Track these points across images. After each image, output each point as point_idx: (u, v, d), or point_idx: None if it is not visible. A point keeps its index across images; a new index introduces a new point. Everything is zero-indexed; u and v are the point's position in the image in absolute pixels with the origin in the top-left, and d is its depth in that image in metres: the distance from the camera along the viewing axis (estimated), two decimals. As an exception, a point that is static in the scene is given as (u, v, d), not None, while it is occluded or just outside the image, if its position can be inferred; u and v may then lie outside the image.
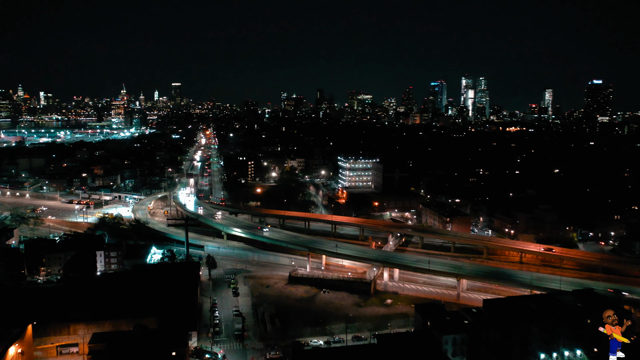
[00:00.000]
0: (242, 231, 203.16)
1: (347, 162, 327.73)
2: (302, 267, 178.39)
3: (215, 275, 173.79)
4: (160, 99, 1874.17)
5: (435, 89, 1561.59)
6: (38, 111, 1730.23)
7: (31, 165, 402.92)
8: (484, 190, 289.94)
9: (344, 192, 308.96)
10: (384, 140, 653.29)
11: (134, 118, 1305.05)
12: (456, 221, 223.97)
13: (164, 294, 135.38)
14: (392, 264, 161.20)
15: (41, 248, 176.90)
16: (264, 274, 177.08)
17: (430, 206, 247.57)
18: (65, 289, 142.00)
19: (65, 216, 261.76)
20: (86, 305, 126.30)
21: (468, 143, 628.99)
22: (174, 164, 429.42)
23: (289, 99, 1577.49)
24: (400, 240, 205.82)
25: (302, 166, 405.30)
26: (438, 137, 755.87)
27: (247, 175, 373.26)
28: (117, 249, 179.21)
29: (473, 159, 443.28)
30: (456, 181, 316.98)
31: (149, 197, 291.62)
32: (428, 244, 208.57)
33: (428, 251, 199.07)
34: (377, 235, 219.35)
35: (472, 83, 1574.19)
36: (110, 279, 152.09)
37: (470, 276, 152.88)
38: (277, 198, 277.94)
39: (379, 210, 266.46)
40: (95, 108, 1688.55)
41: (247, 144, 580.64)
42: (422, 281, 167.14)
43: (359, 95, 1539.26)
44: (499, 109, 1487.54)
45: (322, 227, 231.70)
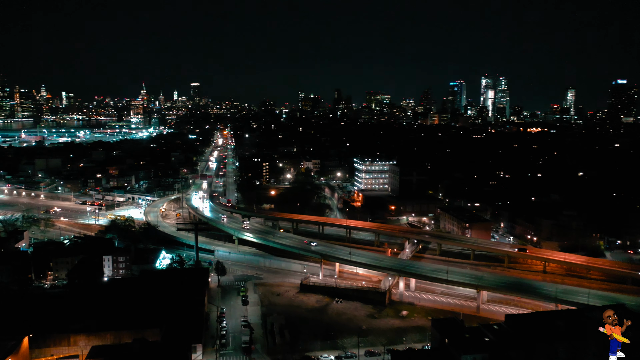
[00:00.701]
0: (254, 236, 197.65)
1: (364, 164, 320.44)
2: (315, 275, 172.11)
3: (225, 282, 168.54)
4: (179, 99, 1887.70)
5: (455, 89, 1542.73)
6: (60, 111, 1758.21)
7: (47, 166, 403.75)
8: (505, 194, 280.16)
9: (359, 195, 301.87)
10: (401, 141, 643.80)
11: (152, 118, 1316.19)
12: (476, 227, 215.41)
13: (169, 303, 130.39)
14: (408, 273, 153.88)
15: (48, 252, 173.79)
16: (275, 281, 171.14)
17: (449, 211, 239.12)
18: (69, 295, 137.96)
19: (78, 218, 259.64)
20: (88, 314, 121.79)
21: (488, 144, 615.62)
22: (189, 164, 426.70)
23: (307, 99, 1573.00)
24: (417, 247, 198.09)
25: (318, 167, 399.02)
26: (457, 137, 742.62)
27: (261, 177, 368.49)
28: (125, 254, 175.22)
29: (493, 161, 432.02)
30: (476, 184, 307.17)
31: (161, 199, 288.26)
32: (446, 250, 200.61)
33: (446, 258, 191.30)
34: (393, 240, 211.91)
35: (492, 83, 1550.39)
36: (116, 285, 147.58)
37: (491, 288, 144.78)
38: (291, 201, 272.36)
39: (395, 214, 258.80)
40: (115, 108, 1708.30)
41: (263, 144, 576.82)
42: (439, 291, 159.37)
43: (377, 95, 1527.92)
44: (519, 109, 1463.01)
45: (336, 231, 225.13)
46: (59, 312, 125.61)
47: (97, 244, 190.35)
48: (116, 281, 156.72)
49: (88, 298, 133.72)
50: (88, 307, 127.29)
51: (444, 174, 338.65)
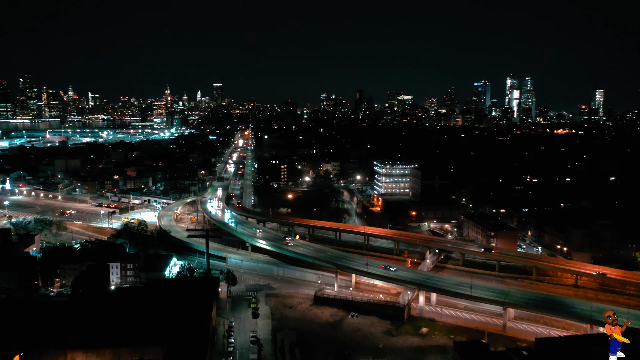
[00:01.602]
0: (267, 243, 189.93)
1: (384, 168, 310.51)
2: (330, 285, 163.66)
3: (236, 292, 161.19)
4: (202, 99, 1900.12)
5: (479, 89, 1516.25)
6: (86, 111, 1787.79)
7: (67, 166, 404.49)
8: (532, 200, 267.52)
9: (379, 199, 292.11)
10: (423, 142, 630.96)
11: (175, 118, 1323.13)
12: (501, 236, 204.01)
13: (175, 316, 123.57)
14: (428, 287, 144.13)
15: (56, 258, 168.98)
16: (288, 291, 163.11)
17: (473, 218, 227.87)
18: (71, 305, 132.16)
19: (92, 220, 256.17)
20: (89, 327, 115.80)
21: (513, 146, 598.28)
22: (207, 166, 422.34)
23: (328, 100, 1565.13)
24: (439, 257, 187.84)
25: (337, 170, 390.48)
26: (481, 139, 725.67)
27: (279, 179, 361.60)
28: (134, 261, 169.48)
29: (519, 164, 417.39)
30: (501, 189, 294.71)
31: (177, 202, 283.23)
32: (470, 260, 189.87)
33: (469, 269, 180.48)
34: (414, 249, 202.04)
35: (518, 83, 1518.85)
36: (121, 295, 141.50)
37: (519, 305, 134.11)
38: (308, 205, 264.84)
39: (416, 220, 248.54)
40: (139, 108, 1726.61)
41: (282, 145, 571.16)
42: (462, 306, 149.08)
43: (399, 95, 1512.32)
44: (545, 110, 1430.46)
45: (354, 238, 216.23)
46: (59, 323, 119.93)
47: (107, 249, 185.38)
48: (122, 290, 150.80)
49: (91, 309, 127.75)
50: (90, 318, 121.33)
51: (468, 177, 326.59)
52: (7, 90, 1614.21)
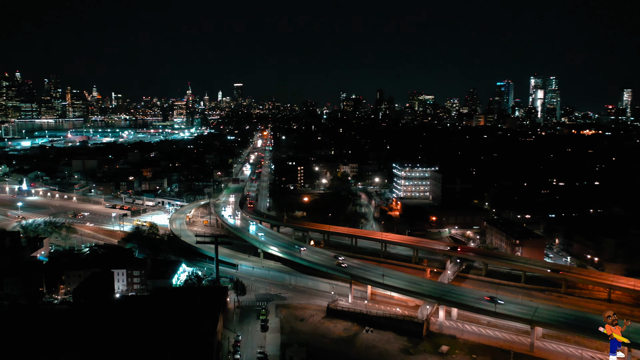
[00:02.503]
0: (280, 250, 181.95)
1: (403, 170, 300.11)
2: (344, 296, 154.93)
3: (246, 302, 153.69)
4: (223, 99, 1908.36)
5: (502, 89, 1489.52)
6: (109, 111, 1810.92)
7: (84, 167, 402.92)
8: (559, 206, 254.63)
9: (398, 203, 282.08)
10: (445, 143, 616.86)
11: (195, 118, 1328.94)
12: (527, 244, 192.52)
13: (178, 329, 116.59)
14: (449, 302, 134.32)
15: (61, 264, 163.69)
16: (300, 302, 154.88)
17: (496, 224, 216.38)
18: (71, 316, 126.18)
19: (104, 223, 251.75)
20: (86, 342, 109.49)
21: (538, 148, 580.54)
22: (223, 167, 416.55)
23: (348, 100, 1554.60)
24: (461, 267, 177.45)
25: (355, 172, 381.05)
26: (504, 140, 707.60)
27: (296, 181, 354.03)
28: (140, 268, 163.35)
29: (544, 167, 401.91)
30: (526, 194, 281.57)
31: (190, 204, 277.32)
32: (493, 270, 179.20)
33: (493, 280, 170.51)
34: (434, 257, 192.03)
35: (542, 83, 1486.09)
36: (124, 305, 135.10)
37: (548, 324, 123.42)
38: (325, 208, 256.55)
39: (436, 225, 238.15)
40: (161, 108, 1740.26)
41: (300, 146, 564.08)
42: (486, 321, 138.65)
43: (420, 95, 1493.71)
44: (570, 110, 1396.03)
45: (370, 244, 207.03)
46: (56, 336, 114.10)
47: (114, 254, 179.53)
48: (125, 300, 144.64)
49: (90, 320, 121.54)
50: (88, 331, 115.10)
51: (491, 181, 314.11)
52: (33, 91, 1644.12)
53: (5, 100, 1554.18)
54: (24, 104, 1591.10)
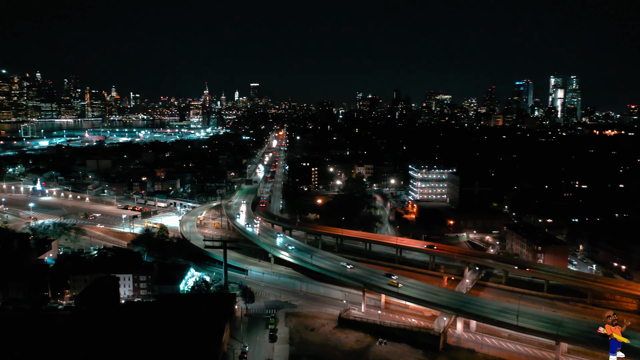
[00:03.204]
0: (290, 255, 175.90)
1: (419, 172, 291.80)
2: (357, 304, 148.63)
3: (255, 309, 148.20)
4: (240, 99, 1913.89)
5: (521, 88, 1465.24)
6: (127, 111, 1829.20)
7: (98, 167, 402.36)
8: (583, 210, 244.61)
9: (414, 206, 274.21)
10: (462, 144, 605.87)
11: (211, 118, 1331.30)
12: (550, 251, 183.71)
13: (181, 339, 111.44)
14: (468, 313, 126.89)
15: (66, 268, 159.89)
16: (311, 310, 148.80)
17: (517, 229, 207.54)
18: (72, 324, 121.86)
19: (115, 224, 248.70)
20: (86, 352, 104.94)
21: (558, 148, 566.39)
22: (237, 167, 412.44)
23: (364, 99, 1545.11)
24: (479, 275, 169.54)
25: (370, 173, 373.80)
26: (523, 140, 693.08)
27: (310, 183, 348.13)
28: (147, 272, 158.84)
29: (566, 169, 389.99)
30: (547, 197, 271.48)
31: (202, 206, 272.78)
32: (514, 278, 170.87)
33: (514, 288, 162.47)
34: (451, 263, 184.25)
35: (562, 82, 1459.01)
36: (128, 313, 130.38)
37: (575, 340, 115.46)
38: (338, 211, 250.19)
39: (454, 230, 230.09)
40: (178, 108, 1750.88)
41: (315, 146, 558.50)
42: (507, 334, 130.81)
43: (437, 95, 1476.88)
44: (591, 110, 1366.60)
45: (385, 249, 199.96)
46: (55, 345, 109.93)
47: (122, 258, 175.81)
48: (130, 307, 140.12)
49: (92, 328, 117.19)
50: (88, 340, 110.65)
51: (510, 183, 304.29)
52: (53, 91, 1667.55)
53: (25, 100, 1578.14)
54: (44, 104, 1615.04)
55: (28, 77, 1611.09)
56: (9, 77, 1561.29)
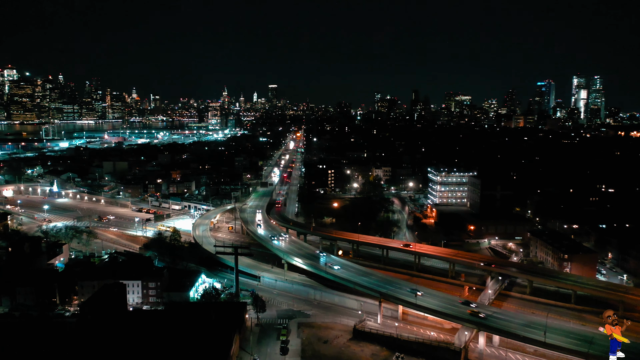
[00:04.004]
0: (304, 262, 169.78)
1: (439, 175, 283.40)
2: (373, 315, 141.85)
3: (266, 318, 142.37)
4: (258, 101, 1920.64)
5: (542, 89, 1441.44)
6: (147, 112, 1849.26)
7: (115, 169, 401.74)
8: (611, 215, 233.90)
9: (433, 210, 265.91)
10: (483, 145, 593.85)
11: (229, 119, 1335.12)
12: (577, 259, 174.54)
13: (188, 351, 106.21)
14: (490, 328, 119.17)
15: (74, 273, 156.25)
16: (324, 320, 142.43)
17: (542, 236, 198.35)
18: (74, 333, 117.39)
19: (128, 227, 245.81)
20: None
21: (582, 151, 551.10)
22: (253, 169, 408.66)
23: (383, 100, 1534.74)
24: (502, 285, 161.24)
25: (388, 176, 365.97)
26: (545, 142, 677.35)
27: (326, 185, 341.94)
28: (156, 279, 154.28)
29: (591, 172, 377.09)
30: (573, 201, 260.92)
31: (216, 209, 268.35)
32: (539, 288, 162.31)
33: (539, 299, 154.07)
34: (472, 271, 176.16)
35: (585, 82, 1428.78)
36: (133, 323, 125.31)
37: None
38: (355, 215, 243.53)
39: (475, 235, 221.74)
40: (197, 110, 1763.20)
41: (332, 148, 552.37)
42: (532, 349, 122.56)
43: (456, 96, 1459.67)
44: (616, 110, 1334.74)
45: (402, 256, 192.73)
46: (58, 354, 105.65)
47: (133, 263, 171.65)
48: (136, 315, 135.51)
49: (95, 339, 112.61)
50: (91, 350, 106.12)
51: (533, 187, 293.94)
52: (75, 93, 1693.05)
53: (48, 102, 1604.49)
54: (66, 106, 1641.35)
55: (51, 79, 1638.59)
56: (32, 80, 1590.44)
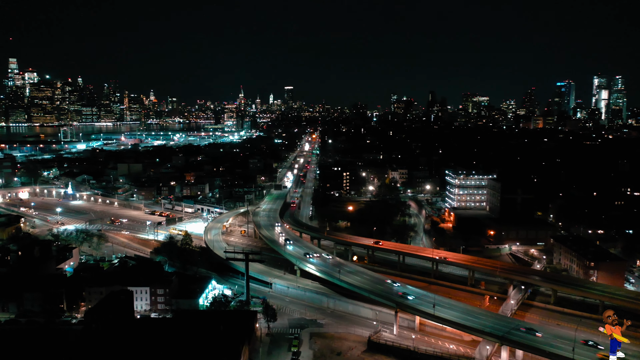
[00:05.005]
0: (317, 269, 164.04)
1: (457, 178, 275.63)
2: (388, 324, 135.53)
3: (277, 328, 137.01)
4: (274, 102, 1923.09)
5: (562, 89, 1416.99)
6: (164, 114, 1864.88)
7: (129, 171, 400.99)
8: (638, 220, 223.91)
9: (451, 214, 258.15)
10: (501, 147, 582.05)
11: (245, 121, 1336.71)
12: (604, 267, 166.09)
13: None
14: (514, 342, 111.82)
15: (81, 279, 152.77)
16: (338, 331, 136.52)
17: (566, 242, 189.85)
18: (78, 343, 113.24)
19: (140, 230, 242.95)
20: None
21: (605, 152, 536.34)
22: (267, 172, 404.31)
23: (399, 102, 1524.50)
24: (525, 294, 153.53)
25: (405, 178, 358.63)
26: (566, 143, 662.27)
27: (341, 188, 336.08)
28: (165, 286, 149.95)
29: (615, 175, 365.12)
30: (597, 205, 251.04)
31: (229, 212, 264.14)
32: (563, 297, 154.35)
33: (564, 309, 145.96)
34: (492, 279, 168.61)
35: (607, 82, 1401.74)
36: (138, 332, 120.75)
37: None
38: (370, 218, 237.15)
39: (495, 241, 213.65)
40: (214, 111, 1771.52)
41: (348, 150, 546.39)
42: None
43: (474, 97, 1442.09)
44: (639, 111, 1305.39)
45: (419, 262, 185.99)
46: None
47: (142, 268, 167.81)
48: (142, 324, 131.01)
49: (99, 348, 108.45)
50: None
51: (555, 190, 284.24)
52: (94, 95, 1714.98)
53: (67, 104, 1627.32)
54: (85, 108, 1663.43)
55: (70, 82, 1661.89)
56: (52, 83, 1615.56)
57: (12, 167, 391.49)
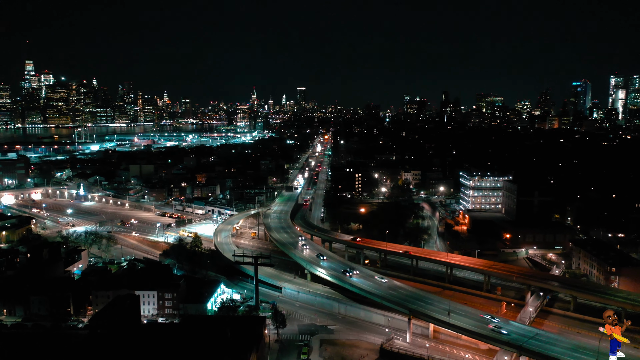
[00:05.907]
0: (328, 273, 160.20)
1: (471, 179, 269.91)
2: (401, 331, 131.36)
3: (287, 334, 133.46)
4: (287, 103, 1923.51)
5: (578, 89, 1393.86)
6: (177, 115, 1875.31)
7: (141, 172, 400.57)
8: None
9: (465, 216, 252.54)
10: (516, 148, 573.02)
11: (257, 122, 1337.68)
12: (626, 273, 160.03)
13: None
14: (534, 353, 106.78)
15: (89, 283, 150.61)
16: (349, 338, 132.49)
17: (585, 246, 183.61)
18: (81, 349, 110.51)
19: (150, 232, 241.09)
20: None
21: (623, 153, 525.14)
22: (279, 173, 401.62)
23: (412, 102, 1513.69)
24: (544, 300, 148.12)
25: (418, 180, 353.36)
26: (583, 144, 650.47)
27: (353, 189, 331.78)
28: (173, 290, 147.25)
29: (635, 176, 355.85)
30: (617, 208, 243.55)
31: (240, 214, 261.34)
32: (583, 304, 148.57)
33: (584, 317, 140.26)
34: (508, 284, 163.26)
35: (624, 82, 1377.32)
36: (144, 338, 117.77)
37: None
38: (383, 221, 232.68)
39: (511, 244, 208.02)
40: (227, 112, 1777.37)
41: (360, 151, 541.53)
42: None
43: (488, 97, 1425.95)
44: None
45: (433, 266, 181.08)
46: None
47: (150, 271, 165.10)
48: (148, 329, 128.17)
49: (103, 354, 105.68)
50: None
51: (573, 192, 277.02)
52: (108, 97, 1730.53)
53: (82, 106, 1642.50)
54: (99, 110, 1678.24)
55: (85, 83, 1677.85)
56: (67, 84, 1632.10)
57: (25, 168, 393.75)
